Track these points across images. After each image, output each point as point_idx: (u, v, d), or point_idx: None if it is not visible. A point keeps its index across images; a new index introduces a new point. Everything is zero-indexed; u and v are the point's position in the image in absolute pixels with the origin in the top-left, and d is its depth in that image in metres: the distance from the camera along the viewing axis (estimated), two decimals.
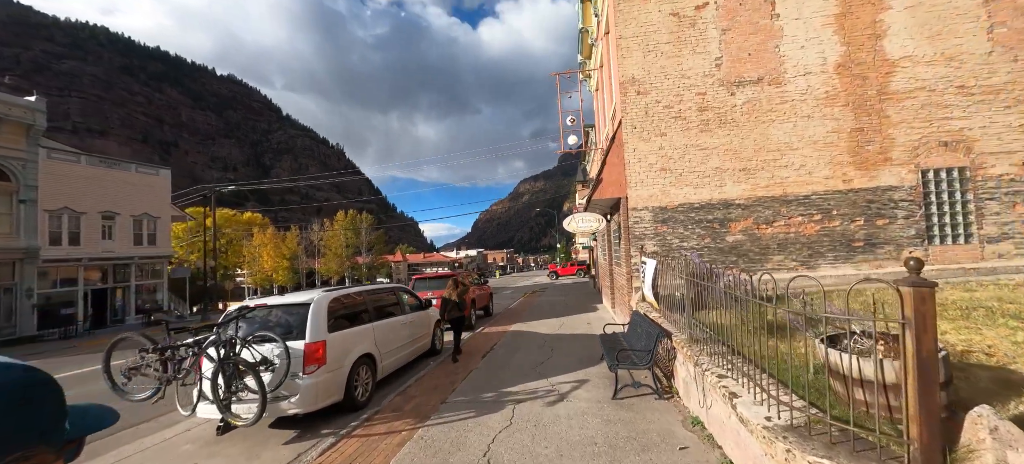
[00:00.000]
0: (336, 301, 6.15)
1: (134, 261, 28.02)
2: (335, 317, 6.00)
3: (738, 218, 8.75)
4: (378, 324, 6.91)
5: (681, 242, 8.84)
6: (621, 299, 10.05)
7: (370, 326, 6.67)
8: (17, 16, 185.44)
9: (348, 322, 6.28)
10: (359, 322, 6.50)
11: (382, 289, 7.72)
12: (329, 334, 5.70)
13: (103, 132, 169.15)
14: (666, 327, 5.76)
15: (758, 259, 8.56)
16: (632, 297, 8.81)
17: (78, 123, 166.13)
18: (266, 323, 5.66)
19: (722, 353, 4.14)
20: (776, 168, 8.73)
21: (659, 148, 8.97)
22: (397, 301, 7.97)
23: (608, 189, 9.15)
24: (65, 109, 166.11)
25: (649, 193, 8.92)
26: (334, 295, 6.19)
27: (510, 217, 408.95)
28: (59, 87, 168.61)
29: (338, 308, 6.15)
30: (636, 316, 7.15)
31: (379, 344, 6.76)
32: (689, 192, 8.87)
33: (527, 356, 8.27)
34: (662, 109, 9.01)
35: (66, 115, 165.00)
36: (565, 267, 44.17)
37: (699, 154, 8.89)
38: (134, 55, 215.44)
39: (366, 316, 6.73)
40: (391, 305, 7.70)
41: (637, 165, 8.97)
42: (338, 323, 6.02)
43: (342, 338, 5.94)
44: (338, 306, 6.17)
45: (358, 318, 6.55)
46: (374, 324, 6.79)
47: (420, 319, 8.64)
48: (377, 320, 6.95)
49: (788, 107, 8.78)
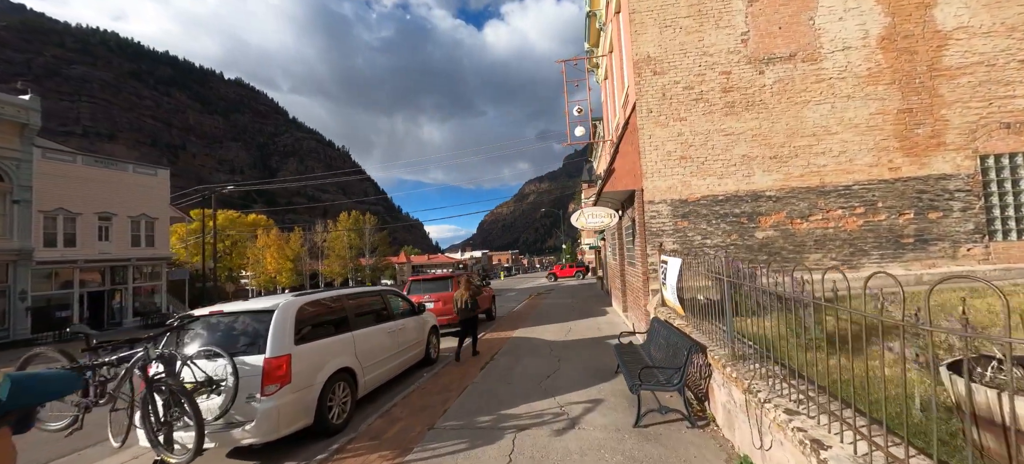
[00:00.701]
0: (307, 307, 5.27)
1: (131, 263, 27.48)
2: (306, 326, 5.12)
3: (769, 212, 7.77)
4: (360, 333, 6.03)
5: (704, 239, 7.87)
6: (635, 303, 9.09)
7: (350, 336, 5.79)
8: (30, 23, 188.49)
9: (322, 331, 5.40)
10: (336, 331, 5.62)
11: (366, 292, 6.83)
12: (296, 346, 4.82)
13: (112, 136, 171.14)
14: (697, 338, 4.81)
15: (792, 258, 7.57)
16: (649, 301, 7.86)
17: (88, 127, 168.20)
18: (223, 334, 4.80)
19: (780, 376, 3.20)
20: (812, 155, 7.74)
21: (678, 134, 8.02)
22: (384, 306, 7.08)
23: (621, 180, 8.21)
24: (75, 114, 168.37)
25: (667, 185, 7.97)
26: (305, 300, 5.31)
27: (515, 218, 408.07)
28: (70, 92, 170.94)
29: (310, 315, 5.28)
30: (656, 324, 6.21)
31: (361, 356, 5.88)
32: (713, 183, 7.90)
33: (531, 367, 7.35)
34: (681, 90, 8.06)
35: (77, 119, 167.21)
36: (564, 269, 44.68)
37: (723, 140, 7.92)
38: (143, 60, 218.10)
39: (346, 323, 5.85)
40: (377, 310, 6.82)
41: (653, 153, 8.02)
42: (309, 332, 5.15)
43: (314, 350, 5.07)
44: (310, 313, 5.29)
45: (335, 326, 5.67)
46: (355, 333, 5.91)
47: (412, 325, 7.76)
48: (359, 328, 6.07)
49: (825, 86, 7.79)
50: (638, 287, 8.51)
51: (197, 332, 4.79)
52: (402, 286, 12.04)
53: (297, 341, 4.87)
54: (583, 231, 51.67)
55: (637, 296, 8.71)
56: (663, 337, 5.68)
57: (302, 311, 5.13)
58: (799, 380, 2.98)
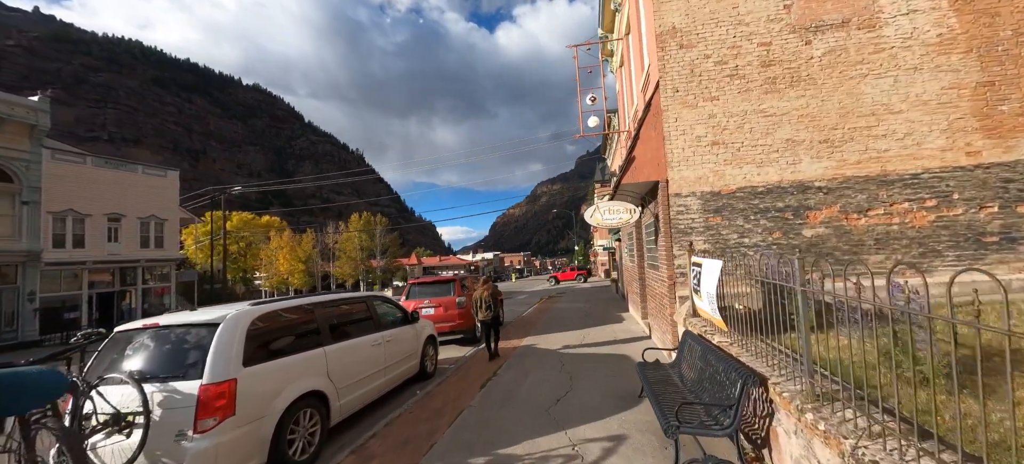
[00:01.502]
0: (263, 319, 4.37)
1: (141, 264, 27.39)
2: (261, 342, 4.22)
3: (819, 205, 6.60)
4: (336, 348, 5.11)
5: (740, 238, 6.74)
6: (658, 311, 8.00)
7: (321, 352, 4.87)
8: (59, 33, 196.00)
9: (284, 347, 4.49)
10: (303, 347, 4.70)
11: (346, 299, 5.91)
12: (247, 368, 3.92)
13: (137, 141, 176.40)
14: (748, 363, 3.74)
15: (847, 260, 6.38)
16: (676, 310, 6.77)
17: (114, 133, 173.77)
18: (156, 353, 3.92)
19: (898, 432, 2.13)
20: (870, 138, 6.55)
21: (709, 116, 6.91)
22: (369, 314, 6.15)
23: (642, 170, 7.15)
24: (102, 120, 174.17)
25: (697, 175, 6.87)
26: (261, 310, 4.41)
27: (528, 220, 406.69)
28: (96, 98, 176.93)
29: (267, 329, 4.37)
30: (690, 339, 5.13)
31: (335, 376, 4.96)
32: (750, 172, 6.77)
33: (539, 386, 6.33)
34: (713, 66, 6.96)
35: (103, 125, 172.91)
36: (564, 272, 46.23)
37: (763, 122, 6.79)
38: (166, 67, 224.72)
39: (316, 337, 4.93)
40: (358, 321, 5.89)
41: (680, 139, 6.93)
42: (266, 350, 4.24)
43: (270, 372, 4.16)
44: (266, 326, 4.39)
45: (302, 341, 4.75)
46: (328, 348, 4.99)
47: (403, 336, 6.82)
48: (335, 342, 5.15)
49: (885, 57, 6.59)
50: (662, 293, 7.42)
51: (121, 352, 3.92)
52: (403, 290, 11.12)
53: (248, 361, 3.97)
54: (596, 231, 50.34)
55: (660, 303, 7.62)
56: (700, 357, 4.61)
57: (256, 324, 4.22)
58: (938, 447, 1.92)
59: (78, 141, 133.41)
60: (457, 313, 10.18)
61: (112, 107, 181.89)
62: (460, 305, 10.23)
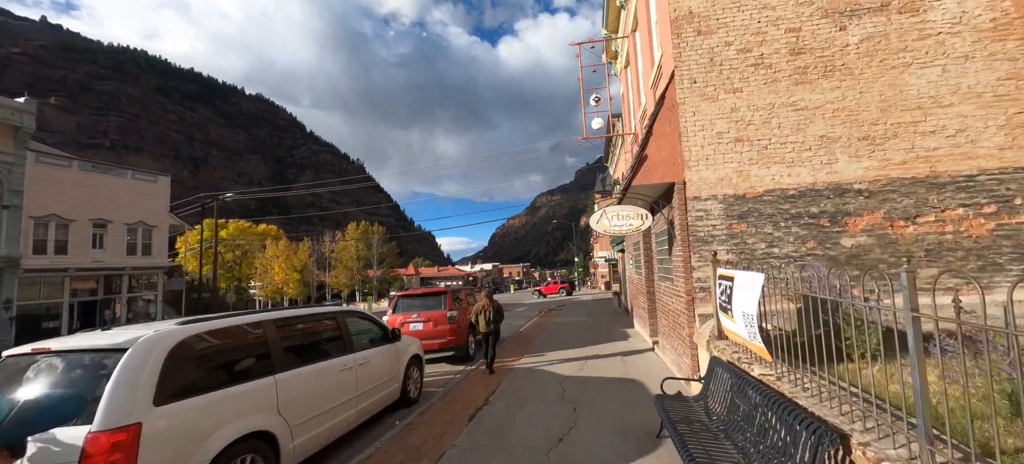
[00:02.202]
0: (193, 342, 3.49)
1: (126, 271, 26.47)
2: (186, 372, 3.34)
3: (859, 211, 5.76)
4: (291, 375, 4.22)
5: (769, 247, 5.89)
6: (672, 330, 7.10)
7: (271, 381, 3.98)
8: (66, 42, 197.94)
9: (219, 378, 3.61)
10: (247, 375, 3.82)
11: (309, 316, 5.01)
12: (160, 407, 3.04)
13: (139, 149, 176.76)
14: (808, 408, 2.86)
15: (895, 274, 5.52)
16: (695, 329, 5.88)
17: (116, 140, 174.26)
18: (41, 388, 3.04)
19: None
20: (916, 135, 5.74)
21: (731, 110, 6.11)
22: (338, 333, 5.26)
23: (655, 171, 6.33)
24: (104, 127, 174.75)
25: (718, 176, 6.04)
26: (190, 331, 3.53)
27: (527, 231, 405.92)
28: (100, 106, 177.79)
29: (196, 354, 3.49)
30: (719, 368, 4.25)
31: (289, 410, 4.06)
32: (780, 173, 5.95)
33: (537, 420, 5.42)
34: (735, 54, 6.18)
35: (105, 133, 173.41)
36: (549, 286, 46.87)
37: (793, 117, 5.99)
38: (170, 77, 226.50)
39: (265, 363, 4.05)
40: (324, 341, 5.01)
41: (699, 135, 6.13)
42: (192, 382, 3.36)
43: (195, 411, 3.27)
44: (196, 350, 3.51)
45: (245, 368, 3.87)
46: (281, 377, 4.10)
47: (382, 358, 5.93)
48: (291, 367, 4.26)
49: (931, 44, 5.82)
50: (677, 310, 6.53)
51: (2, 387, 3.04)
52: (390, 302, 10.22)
53: (166, 397, 3.09)
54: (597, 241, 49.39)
55: (675, 322, 6.73)
56: (734, 391, 3.73)
57: (181, 349, 3.34)
58: None
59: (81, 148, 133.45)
60: (448, 329, 9.27)
61: (115, 115, 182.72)
62: (451, 320, 9.33)
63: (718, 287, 4.83)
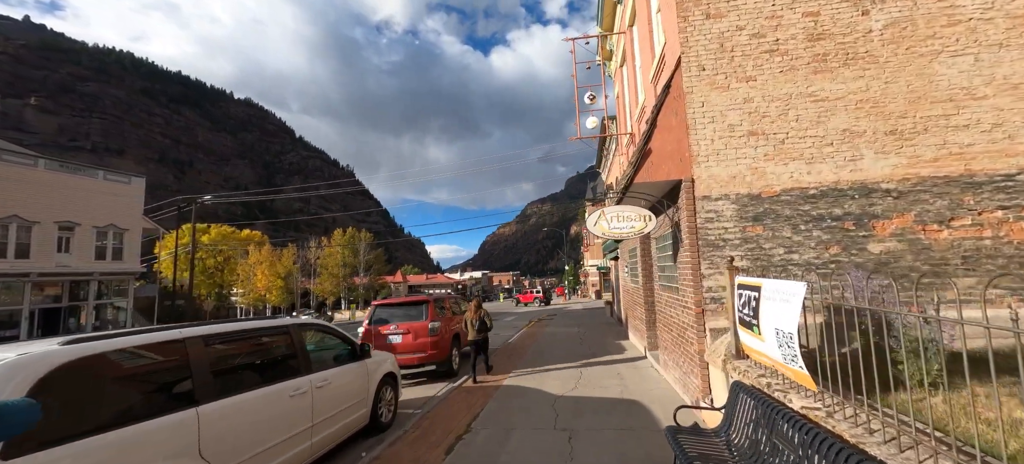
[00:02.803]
0: (78, 368, 2.66)
1: (94, 277, 25.04)
2: (69, 407, 2.51)
3: (887, 213, 5.15)
4: (219, 407, 3.39)
5: (788, 253, 5.24)
6: (677, 345, 6.39)
7: (190, 415, 3.15)
8: (48, 42, 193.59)
9: (119, 413, 2.78)
10: (159, 409, 2.99)
11: (250, 332, 4.16)
12: (16, 460, 2.21)
13: (121, 151, 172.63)
14: (877, 457, 2.15)
15: (926, 283, 4.91)
16: (706, 345, 5.18)
17: (97, 142, 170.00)
18: None
19: None
20: (948, 129, 5.18)
21: (745, 100, 5.50)
22: (291, 351, 4.43)
23: (660, 167, 5.67)
24: (86, 129, 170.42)
25: (730, 173, 5.40)
26: (70, 356, 2.69)
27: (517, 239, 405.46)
28: (82, 108, 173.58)
29: (83, 383, 2.66)
30: (744, 394, 3.54)
31: (217, 452, 3.23)
32: (799, 170, 5.33)
33: (526, 453, 4.64)
34: (747, 39, 5.59)
35: (87, 135, 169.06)
36: (525, 294, 48.85)
37: (813, 108, 5.39)
38: (156, 79, 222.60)
39: (185, 392, 3.22)
40: (271, 362, 4.18)
41: (709, 128, 5.49)
42: (78, 421, 2.54)
43: (76, 461, 2.44)
44: (84, 379, 2.68)
45: (157, 400, 3.04)
46: (206, 409, 3.27)
47: (345, 379, 5.10)
48: (220, 396, 3.43)
49: (963, 31, 5.29)
50: (683, 324, 5.83)
51: None
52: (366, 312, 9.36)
53: (28, 447, 2.26)
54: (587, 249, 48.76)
55: (681, 336, 6.03)
56: (770, 430, 3.01)
57: (55, 378, 2.52)
58: None
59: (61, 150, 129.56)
60: (429, 341, 8.44)
61: (98, 117, 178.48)
62: (433, 331, 8.51)
63: (738, 298, 4.14)
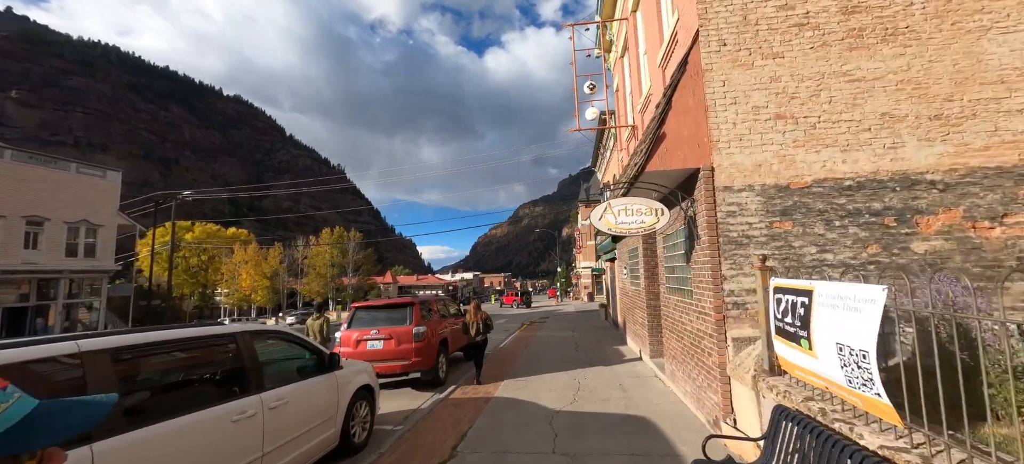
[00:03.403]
0: None
1: (64, 275, 23.76)
2: None
3: (933, 207, 4.55)
4: (130, 441, 2.61)
5: (821, 252, 4.60)
6: (692, 355, 5.72)
7: (84, 453, 2.37)
8: (30, 33, 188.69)
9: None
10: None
11: (177, 341, 3.36)
12: None
13: (105, 147, 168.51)
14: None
15: (981, 286, 4.30)
16: (728, 358, 4.51)
17: (80, 137, 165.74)
18: None
19: None
20: (1000, 114, 4.59)
21: (771, 79, 4.86)
22: (239, 365, 3.65)
23: (675, 154, 5.01)
24: (69, 123, 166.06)
25: (755, 160, 4.76)
26: None
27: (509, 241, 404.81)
28: (65, 101, 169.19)
29: None
30: (795, 424, 2.86)
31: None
32: (832, 159, 4.70)
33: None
34: (773, 11, 4.96)
35: (69, 129, 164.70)
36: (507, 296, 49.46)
37: (848, 89, 4.77)
38: (142, 74, 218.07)
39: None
40: (208, 379, 3.41)
41: (731, 110, 4.84)
42: None
43: None
44: None
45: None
46: (104, 445, 2.50)
47: (310, 394, 4.34)
48: (133, 427, 2.66)
49: (1013, 5, 4.72)
50: (699, 331, 5.16)
51: None
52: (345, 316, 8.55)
53: None
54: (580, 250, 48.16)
55: (697, 346, 5.36)
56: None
57: None
58: None
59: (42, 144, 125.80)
60: (413, 347, 7.68)
61: (81, 111, 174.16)
62: (418, 337, 7.75)
63: (776, 304, 3.47)
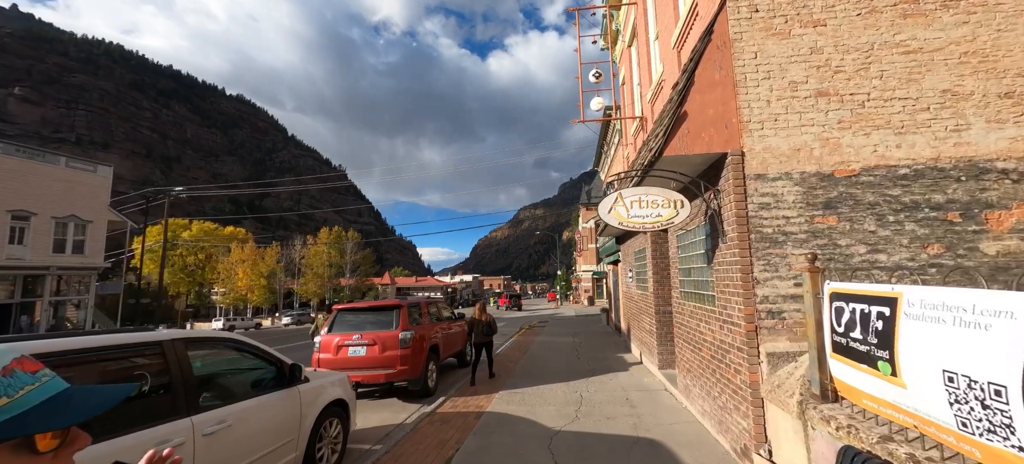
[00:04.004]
0: None
1: (51, 272, 23.10)
2: None
3: (1005, 200, 3.84)
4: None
5: (872, 252, 3.90)
6: (713, 370, 5.00)
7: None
8: (36, 32, 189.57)
9: None
10: None
11: (81, 350, 2.65)
12: None
13: (107, 145, 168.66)
14: None
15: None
16: (762, 375, 3.80)
17: (82, 135, 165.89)
18: None
19: None
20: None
21: (811, 50, 4.17)
22: (166, 381, 2.94)
23: (698, 136, 4.31)
24: (71, 121, 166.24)
25: (793, 144, 4.06)
26: None
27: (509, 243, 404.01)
28: (67, 99, 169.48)
29: None
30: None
31: None
32: (885, 142, 4.00)
33: None
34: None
35: (71, 127, 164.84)
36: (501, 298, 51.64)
37: (902, 62, 4.08)
38: (145, 72, 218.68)
39: None
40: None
41: (763, 85, 4.15)
42: None
43: None
44: None
45: None
46: None
47: (264, 414, 3.63)
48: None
49: None
50: (726, 344, 4.44)
51: None
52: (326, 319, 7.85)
53: None
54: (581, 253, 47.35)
55: (720, 360, 4.64)
56: None
57: None
58: None
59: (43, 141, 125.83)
60: (399, 355, 6.96)
61: (83, 109, 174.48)
62: (404, 343, 7.03)
63: (834, 314, 2.77)
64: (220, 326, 36.33)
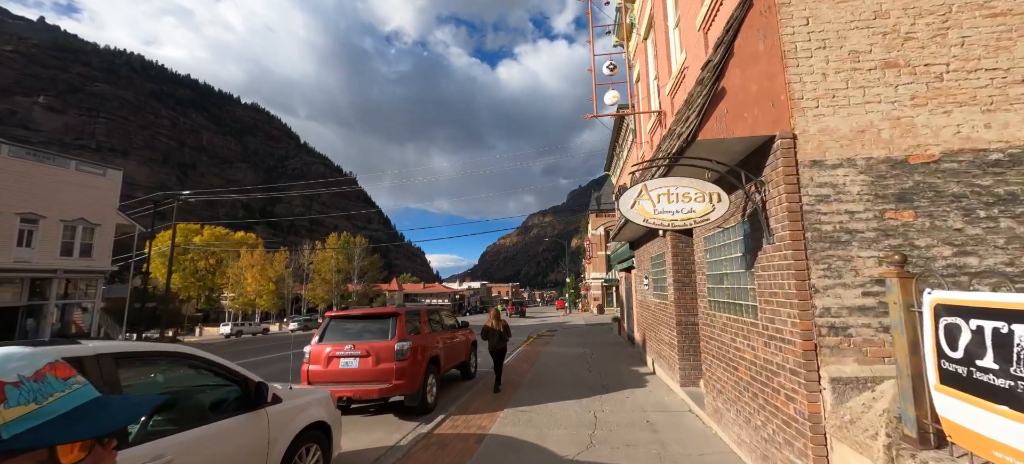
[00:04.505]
0: None
1: (58, 275, 23.07)
2: None
3: None
4: None
5: (959, 254, 3.18)
6: (758, 397, 4.28)
7: None
8: (61, 43, 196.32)
9: None
10: None
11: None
12: None
13: (125, 152, 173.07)
14: None
15: None
16: (825, 406, 3.08)
17: (102, 142, 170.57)
18: None
19: None
20: None
21: (875, 14, 3.50)
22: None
23: (738, 117, 3.66)
24: (92, 129, 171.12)
25: (856, 124, 3.38)
26: None
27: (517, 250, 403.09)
28: (89, 107, 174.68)
29: None
30: None
31: None
32: (970, 122, 3.30)
33: None
34: None
35: (92, 134, 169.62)
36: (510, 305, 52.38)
37: (987, 27, 3.39)
38: (164, 81, 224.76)
39: None
40: None
41: (818, 55, 3.49)
42: None
43: None
44: None
45: None
46: None
47: (217, 445, 3.03)
48: None
49: None
50: (775, 365, 3.74)
51: None
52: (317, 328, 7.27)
53: None
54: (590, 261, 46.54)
55: (766, 383, 3.93)
56: None
57: None
58: None
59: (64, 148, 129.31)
60: (395, 367, 6.34)
61: (104, 117, 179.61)
62: (400, 355, 6.40)
63: (942, 334, 2.08)
64: (228, 330, 36.19)
